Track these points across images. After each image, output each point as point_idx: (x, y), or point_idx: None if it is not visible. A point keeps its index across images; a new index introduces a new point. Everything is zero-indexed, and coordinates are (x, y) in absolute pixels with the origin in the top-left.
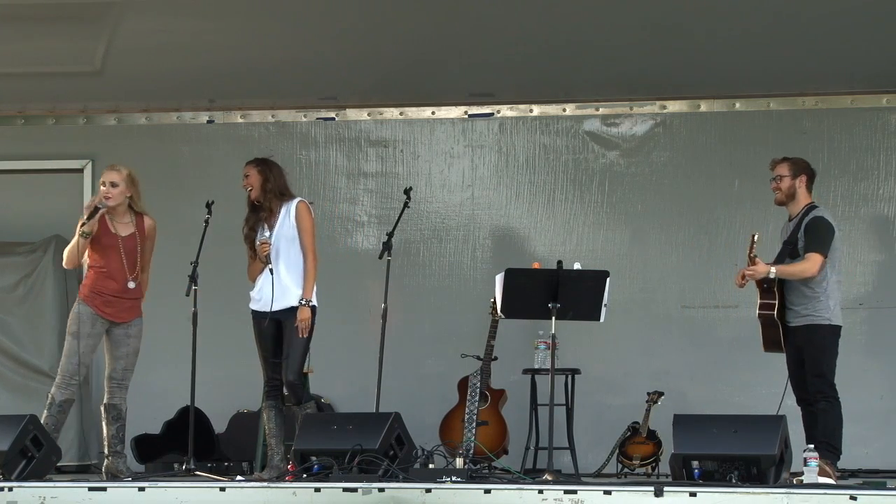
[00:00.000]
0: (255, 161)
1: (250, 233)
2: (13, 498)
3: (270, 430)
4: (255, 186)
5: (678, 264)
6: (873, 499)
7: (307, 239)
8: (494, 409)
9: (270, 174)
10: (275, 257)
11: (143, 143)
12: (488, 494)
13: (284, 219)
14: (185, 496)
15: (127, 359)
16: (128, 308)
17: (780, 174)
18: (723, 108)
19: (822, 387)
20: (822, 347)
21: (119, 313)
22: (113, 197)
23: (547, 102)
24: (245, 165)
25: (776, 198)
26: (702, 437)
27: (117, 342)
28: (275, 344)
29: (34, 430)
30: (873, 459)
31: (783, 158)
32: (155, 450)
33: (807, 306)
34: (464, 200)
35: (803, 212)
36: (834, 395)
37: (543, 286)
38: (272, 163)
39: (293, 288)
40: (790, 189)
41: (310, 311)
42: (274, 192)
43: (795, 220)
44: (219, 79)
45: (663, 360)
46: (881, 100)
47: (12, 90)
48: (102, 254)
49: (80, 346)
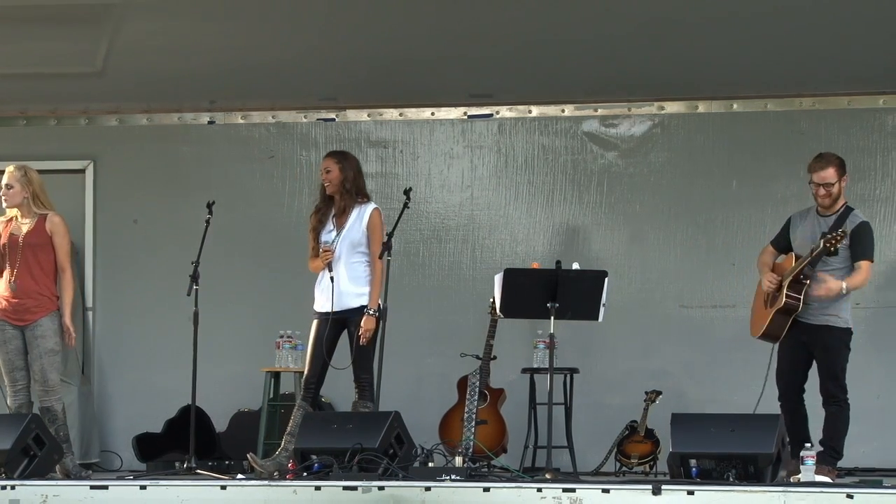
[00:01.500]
0: (335, 155)
1: (318, 225)
2: (16, 496)
3: (292, 430)
4: (333, 182)
5: (676, 264)
6: (870, 497)
7: (376, 247)
8: (493, 408)
9: (350, 172)
10: (337, 259)
11: (145, 144)
12: (487, 493)
13: (355, 222)
14: (187, 494)
15: (41, 359)
16: (28, 309)
17: (828, 181)
18: (720, 109)
19: (836, 390)
20: (839, 350)
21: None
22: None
23: (546, 103)
24: (325, 158)
25: (824, 203)
26: (699, 435)
27: (29, 345)
28: (329, 345)
29: (36, 429)
30: (870, 458)
31: (824, 161)
32: (156, 448)
33: (829, 307)
34: (463, 201)
35: (842, 211)
36: (846, 398)
37: (542, 286)
38: (352, 159)
39: (353, 290)
40: (839, 193)
41: (374, 321)
42: (351, 192)
43: (833, 218)
44: (219, 80)
45: (661, 359)
46: (878, 101)
47: (14, 91)
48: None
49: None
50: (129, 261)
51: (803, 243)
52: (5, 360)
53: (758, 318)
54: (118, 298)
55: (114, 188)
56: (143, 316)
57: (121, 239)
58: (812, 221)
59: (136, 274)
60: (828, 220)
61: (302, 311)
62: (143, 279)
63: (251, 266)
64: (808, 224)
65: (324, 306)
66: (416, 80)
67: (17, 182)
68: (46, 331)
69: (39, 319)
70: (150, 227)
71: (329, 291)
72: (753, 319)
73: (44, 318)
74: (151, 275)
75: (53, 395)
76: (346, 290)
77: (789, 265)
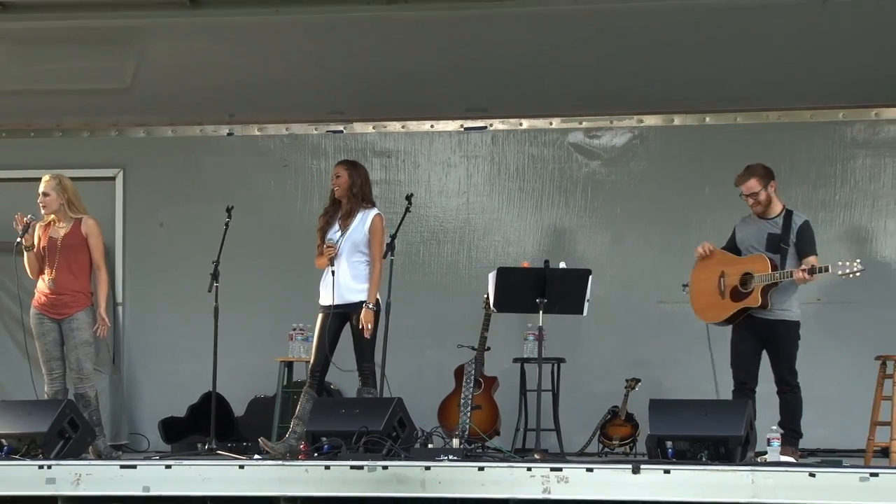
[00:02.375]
0: (346, 163)
1: (325, 226)
2: (52, 475)
3: (299, 414)
4: (341, 187)
5: (654, 263)
6: (830, 475)
7: (376, 249)
8: (487, 394)
9: (358, 179)
10: (339, 256)
11: (169, 154)
12: (482, 472)
13: (359, 224)
14: (208, 473)
15: (76, 350)
16: (65, 304)
17: (753, 190)
18: (694, 122)
19: (790, 377)
20: (792, 341)
21: (59, 310)
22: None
23: (535, 117)
24: (337, 165)
25: (756, 211)
26: (675, 419)
27: (65, 337)
28: (332, 337)
29: (70, 414)
30: (831, 440)
31: (747, 173)
32: (180, 431)
33: (783, 304)
34: (460, 206)
35: (784, 213)
36: (797, 383)
37: (532, 283)
38: (361, 168)
39: (354, 286)
40: (767, 199)
41: (372, 315)
42: (357, 196)
43: (776, 220)
44: (237, 95)
45: (640, 350)
46: (838, 114)
47: (51, 106)
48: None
49: (38, 347)
50: (155, 260)
51: (749, 243)
52: (43, 350)
53: (711, 305)
54: (146, 295)
55: (141, 194)
56: (169, 310)
57: (148, 241)
58: (757, 224)
59: (161, 272)
60: (773, 222)
61: (312, 306)
62: (169, 277)
63: (266, 265)
64: (753, 227)
65: (326, 300)
66: (416, 96)
67: (52, 190)
68: (82, 324)
69: (75, 313)
70: (174, 230)
71: (331, 286)
72: (704, 305)
73: (79, 313)
74: (176, 273)
75: (87, 382)
76: (346, 286)
77: (723, 256)
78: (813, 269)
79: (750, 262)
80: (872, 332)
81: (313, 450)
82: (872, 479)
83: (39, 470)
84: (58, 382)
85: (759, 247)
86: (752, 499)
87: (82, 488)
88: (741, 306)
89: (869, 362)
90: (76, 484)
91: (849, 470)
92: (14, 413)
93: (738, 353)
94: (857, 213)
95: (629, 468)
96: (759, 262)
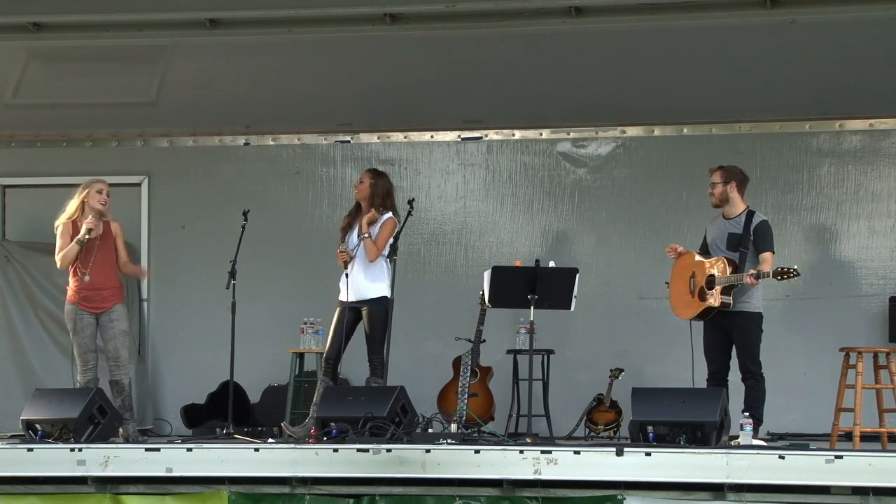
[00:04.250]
0: (371, 172)
1: (347, 227)
2: (82, 457)
3: (316, 400)
4: (361, 192)
5: (636, 263)
6: (798, 458)
7: (380, 239)
8: (483, 383)
9: (380, 188)
10: (354, 259)
11: (190, 162)
12: (478, 454)
13: (374, 229)
14: (226, 455)
15: (115, 339)
16: (105, 298)
17: (713, 181)
18: (673, 133)
19: (753, 366)
20: (754, 331)
21: (99, 304)
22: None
23: (527, 128)
24: (364, 172)
25: (712, 202)
26: (655, 406)
27: (103, 328)
28: (348, 329)
29: (100, 401)
30: (798, 425)
31: (718, 167)
32: (200, 417)
33: (744, 296)
34: (457, 210)
35: (745, 214)
36: (761, 372)
37: (524, 281)
38: (386, 178)
39: (369, 285)
40: (722, 195)
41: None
42: (375, 204)
43: (738, 220)
44: (254, 108)
45: (624, 342)
46: (804, 126)
47: (81, 117)
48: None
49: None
50: (177, 260)
51: (715, 244)
52: (80, 343)
53: (684, 304)
54: (169, 291)
55: (165, 199)
56: (190, 306)
57: (171, 242)
58: (721, 223)
59: (183, 271)
60: (735, 222)
61: (322, 302)
62: (190, 275)
63: (279, 264)
64: (717, 226)
65: (344, 296)
66: (417, 109)
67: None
68: (120, 315)
69: (114, 306)
70: (195, 232)
71: (346, 285)
72: (678, 303)
73: (117, 305)
74: (196, 271)
75: (123, 369)
76: (362, 285)
77: (695, 257)
78: (759, 275)
79: (711, 266)
80: (836, 325)
81: (323, 434)
82: (837, 461)
83: (71, 453)
84: (91, 372)
85: (722, 245)
86: (726, 479)
87: (110, 469)
88: (705, 306)
89: (833, 354)
90: (104, 465)
91: (815, 453)
92: (47, 400)
93: (709, 344)
94: (823, 216)
95: (613, 451)
96: (719, 265)
